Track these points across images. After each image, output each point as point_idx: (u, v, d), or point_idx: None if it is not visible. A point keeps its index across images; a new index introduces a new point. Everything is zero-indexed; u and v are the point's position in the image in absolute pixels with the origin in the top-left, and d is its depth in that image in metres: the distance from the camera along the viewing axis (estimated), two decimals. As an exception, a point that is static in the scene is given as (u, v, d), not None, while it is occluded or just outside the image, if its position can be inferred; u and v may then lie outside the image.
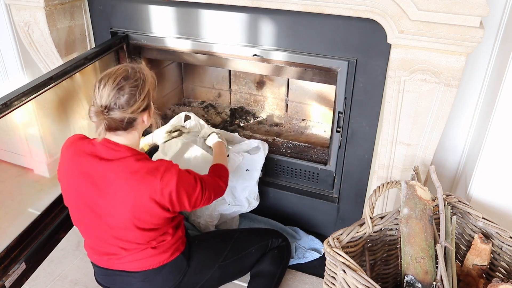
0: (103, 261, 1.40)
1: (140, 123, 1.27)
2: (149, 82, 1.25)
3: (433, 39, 1.23)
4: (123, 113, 1.18)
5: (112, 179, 1.23)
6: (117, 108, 1.18)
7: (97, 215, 1.29)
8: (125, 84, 1.18)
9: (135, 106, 1.20)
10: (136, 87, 1.20)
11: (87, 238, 1.40)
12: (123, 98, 1.18)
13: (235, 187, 1.80)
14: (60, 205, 1.65)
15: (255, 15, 1.58)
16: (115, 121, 1.20)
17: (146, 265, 1.36)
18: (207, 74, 2.38)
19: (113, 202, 1.25)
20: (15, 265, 1.41)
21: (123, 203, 1.24)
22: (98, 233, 1.33)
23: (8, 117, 1.42)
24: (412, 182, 1.27)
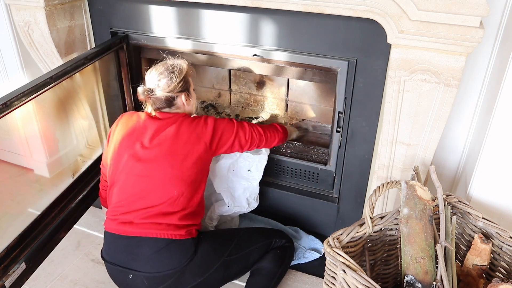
0: (123, 225, 1.46)
1: (180, 103, 1.58)
2: (185, 71, 1.58)
3: (433, 39, 1.23)
4: (164, 92, 1.53)
5: (166, 127, 1.53)
6: (158, 88, 1.53)
7: (148, 161, 1.48)
8: (164, 71, 1.55)
9: (171, 87, 1.53)
10: (173, 73, 1.54)
11: (123, 195, 1.49)
12: (163, 81, 1.53)
13: (235, 188, 1.80)
14: (60, 205, 1.65)
15: (255, 15, 1.58)
16: (158, 99, 1.54)
17: (162, 232, 1.44)
18: (207, 74, 2.38)
19: (167, 144, 1.49)
20: (15, 265, 1.41)
21: (177, 142, 1.50)
22: (139, 187, 1.47)
23: (8, 117, 1.41)
24: (412, 182, 1.27)
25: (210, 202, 1.87)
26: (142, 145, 1.50)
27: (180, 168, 1.48)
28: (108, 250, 1.50)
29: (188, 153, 1.50)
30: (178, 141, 1.50)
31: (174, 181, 1.47)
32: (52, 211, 1.62)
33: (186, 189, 1.48)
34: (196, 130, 1.53)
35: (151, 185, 1.47)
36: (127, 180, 1.50)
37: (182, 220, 1.47)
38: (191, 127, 1.53)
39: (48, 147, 1.76)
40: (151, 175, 1.47)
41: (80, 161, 1.90)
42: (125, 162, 1.51)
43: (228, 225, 1.94)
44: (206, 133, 1.54)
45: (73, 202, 1.72)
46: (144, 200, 1.46)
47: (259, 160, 1.78)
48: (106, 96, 2.02)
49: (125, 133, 1.55)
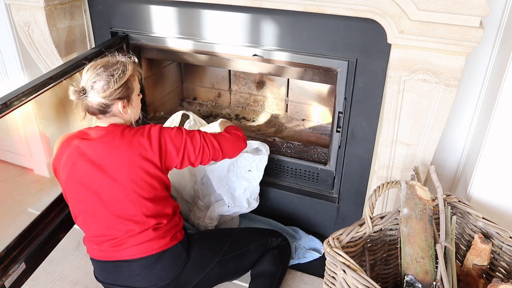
0: (103, 252, 1.41)
1: (116, 111, 1.37)
2: (128, 74, 1.36)
3: (433, 39, 1.23)
4: (97, 97, 1.32)
5: (105, 151, 1.34)
6: (92, 91, 1.32)
7: (98, 195, 1.35)
8: (102, 73, 1.32)
9: (107, 92, 1.32)
10: (113, 76, 1.32)
11: (89, 227, 1.41)
12: (99, 83, 1.32)
13: (235, 188, 1.80)
14: (60, 205, 1.65)
15: (255, 15, 1.58)
16: (91, 103, 1.33)
17: (146, 250, 1.38)
18: (207, 74, 2.38)
19: (111, 172, 1.33)
20: (15, 265, 1.40)
21: (120, 168, 1.33)
22: (100, 217, 1.37)
23: (8, 117, 1.41)
24: (412, 182, 1.27)
25: (210, 202, 1.87)
26: (88, 174, 1.34)
27: (134, 193, 1.34)
28: (100, 273, 1.47)
29: (136, 177, 1.34)
30: (120, 167, 1.33)
31: (133, 206, 1.35)
32: (52, 211, 1.62)
33: (150, 207, 1.37)
34: (138, 150, 1.34)
35: (112, 215, 1.36)
36: (86, 213, 1.39)
37: (159, 231, 1.39)
38: (131, 148, 1.33)
39: (48, 147, 1.76)
40: (108, 206, 1.35)
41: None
42: (78, 195, 1.38)
43: (228, 225, 1.94)
44: (150, 151, 1.34)
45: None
46: (111, 231, 1.38)
47: (260, 160, 1.78)
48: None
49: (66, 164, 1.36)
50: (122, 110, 1.37)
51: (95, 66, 1.34)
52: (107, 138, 1.35)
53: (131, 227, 1.37)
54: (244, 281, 1.71)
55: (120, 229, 1.37)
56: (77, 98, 1.32)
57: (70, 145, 1.37)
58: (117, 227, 1.37)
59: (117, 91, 1.33)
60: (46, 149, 1.77)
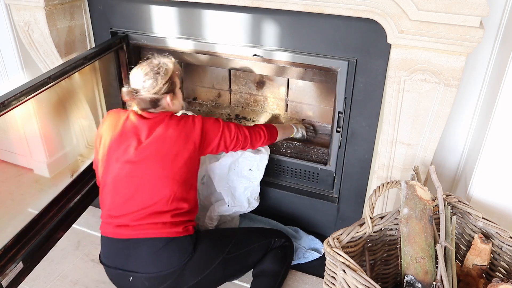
0: (118, 229, 1.46)
1: (165, 104, 1.54)
2: (171, 72, 1.54)
3: (433, 39, 1.23)
4: (148, 93, 1.49)
5: (156, 128, 1.50)
6: (143, 89, 1.49)
7: (138, 165, 1.46)
8: (149, 72, 1.50)
9: (157, 88, 1.49)
10: (158, 74, 1.50)
11: (115, 197, 1.48)
12: (148, 81, 1.49)
13: (236, 187, 1.80)
14: (59, 205, 1.65)
15: (255, 15, 1.58)
16: (143, 100, 1.51)
17: (158, 232, 1.44)
18: (207, 74, 2.38)
19: (157, 146, 1.47)
20: (12, 264, 1.40)
21: (165, 142, 1.47)
22: (131, 187, 1.46)
23: (8, 117, 1.42)
24: (412, 182, 1.27)
25: (210, 202, 1.87)
26: (132, 146, 1.48)
27: (171, 169, 1.47)
28: (107, 254, 1.50)
29: (178, 153, 1.48)
30: (167, 142, 1.48)
31: (165, 181, 1.46)
32: (50, 211, 1.62)
33: (178, 189, 1.48)
34: (184, 130, 1.51)
35: (142, 186, 1.46)
36: (117, 182, 1.48)
37: (176, 218, 1.47)
38: (179, 127, 1.51)
39: (48, 147, 1.76)
40: (142, 176, 1.46)
41: (80, 161, 1.90)
42: (115, 164, 1.49)
43: (228, 225, 1.94)
44: (194, 133, 1.52)
45: (71, 201, 1.72)
46: (136, 202, 1.46)
47: (260, 160, 1.78)
48: (106, 96, 2.02)
49: (113, 134, 1.52)
50: (170, 103, 1.54)
51: (141, 67, 1.52)
52: (159, 118, 1.51)
53: (155, 201, 1.45)
54: (245, 281, 1.71)
55: (145, 202, 1.45)
56: (131, 98, 1.49)
57: (123, 117, 1.53)
58: (143, 198, 1.45)
59: (164, 86, 1.50)
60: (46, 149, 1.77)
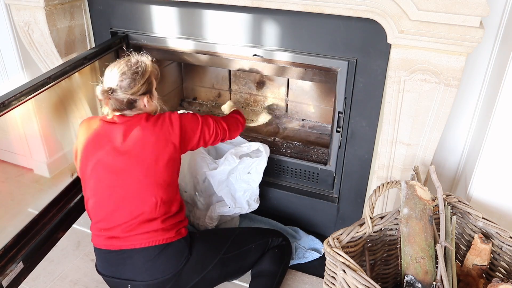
0: (110, 240, 1.43)
1: (141, 105, 1.47)
2: (149, 71, 1.47)
3: (433, 39, 1.23)
4: (125, 94, 1.41)
5: (131, 133, 1.44)
6: (119, 89, 1.41)
7: (118, 175, 1.41)
8: (127, 71, 1.42)
9: (135, 89, 1.42)
10: (136, 73, 1.43)
11: (100, 210, 1.44)
12: (125, 81, 1.41)
13: (236, 190, 1.80)
14: (59, 205, 1.65)
15: (255, 15, 1.58)
16: (118, 101, 1.42)
17: (152, 240, 1.41)
18: (207, 74, 2.38)
19: (135, 152, 1.42)
20: (12, 264, 1.40)
21: (145, 148, 1.42)
22: (115, 198, 1.42)
23: (8, 117, 1.41)
24: (412, 182, 1.27)
25: (211, 202, 1.87)
26: (110, 154, 1.42)
27: (154, 174, 1.42)
28: (102, 265, 1.49)
29: (158, 157, 1.42)
30: (146, 147, 1.42)
31: (150, 188, 1.42)
32: (50, 211, 1.62)
33: (164, 193, 1.44)
34: (162, 132, 1.45)
35: (127, 196, 1.41)
36: (101, 194, 1.44)
37: (167, 222, 1.44)
38: (156, 129, 1.44)
39: (48, 147, 1.76)
40: (126, 186, 1.41)
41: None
42: (96, 175, 1.43)
43: (228, 224, 1.94)
44: (173, 134, 1.46)
45: (71, 201, 1.72)
46: (124, 213, 1.41)
47: (258, 163, 1.78)
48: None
49: (88, 144, 1.45)
50: (147, 104, 1.47)
51: (118, 66, 1.43)
52: (133, 122, 1.45)
53: (143, 210, 1.41)
54: (244, 281, 1.71)
55: (132, 212, 1.41)
56: (106, 97, 1.41)
57: (95, 126, 1.46)
58: (130, 209, 1.41)
59: (142, 87, 1.43)
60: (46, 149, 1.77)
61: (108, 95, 1.41)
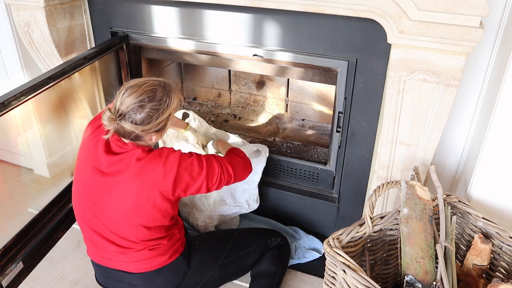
0: (102, 258, 1.40)
1: (147, 139, 1.29)
2: (173, 107, 1.26)
3: (433, 39, 1.23)
4: (133, 128, 1.21)
5: (118, 169, 1.26)
6: (130, 121, 1.20)
7: (97, 205, 1.30)
8: (147, 104, 1.20)
9: (148, 126, 1.22)
10: (157, 110, 1.21)
11: (86, 231, 1.39)
12: (140, 115, 1.20)
13: (235, 189, 1.80)
14: (59, 205, 1.65)
15: (255, 15, 1.58)
16: (124, 130, 1.23)
17: (144, 267, 1.36)
18: (207, 74, 2.38)
19: (118, 190, 1.26)
20: (12, 264, 1.41)
21: (128, 191, 1.25)
22: (95, 227, 1.33)
23: (8, 117, 1.41)
24: (412, 182, 1.27)
25: (210, 201, 1.86)
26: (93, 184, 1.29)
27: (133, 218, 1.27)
28: (101, 277, 1.47)
29: (140, 204, 1.26)
30: (128, 190, 1.25)
31: (130, 229, 1.29)
32: (50, 211, 1.62)
33: (149, 233, 1.31)
34: (151, 178, 1.24)
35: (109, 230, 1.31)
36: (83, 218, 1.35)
37: (157, 251, 1.35)
38: (146, 173, 1.24)
39: (48, 147, 1.76)
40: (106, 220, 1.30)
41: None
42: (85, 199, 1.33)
43: (228, 225, 1.94)
44: (163, 182, 1.25)
45: (71, 201, 1.72)
46: (108, 243, 1.33)
47: (258, 163, 1.77)
48: (106, 96, 2.02)
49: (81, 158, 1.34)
50: (154, 139, 1.30)
51: (139, 93, 1.20)
52: (124, 156, 1.26)
53: (126, 245, 1.32)
54: (244, 281, 1.71)
55: (114, 244, 1.33)
56: (111, 124, 1.20)
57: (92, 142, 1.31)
58: (111, 240, 1.32)
59: (158, 126, 1.23)
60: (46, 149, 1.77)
61: (116, 122, 1.20)
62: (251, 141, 2.04)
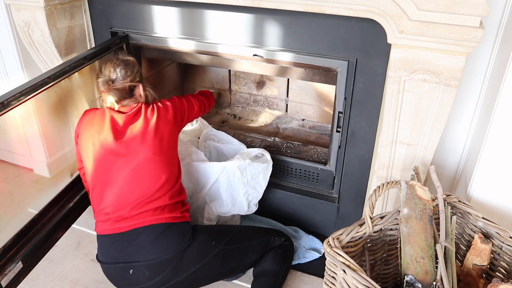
0: (117, 223, 1.47)
1: (138, 94, 1.62)
2: (136, 64, 1.66)
3: (433, 39, 1.23)
4: (123, 82, 1.58)
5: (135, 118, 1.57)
6: (119, 79, 1.58)
7: (126, 156, 1.50)
8: (119, 64, 1.60)
9: (131, 77, 1.60)
10: (128, 65, 1.61)
11: (108, 196, 1.49)
12: (121, 72, 1.59)
13: (240, 193, 1.78)
14: (58, 205, 1.65)
15: (255, 15, 1.58)
16: (119, 90, 1.57)
17: (158, 218, 1.48)
18: (207, 74, 2.38)
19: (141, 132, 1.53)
20: (11, 264, 1.40)
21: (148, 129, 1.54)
22: (124, 181, 1.49)
23: (8, 117, 1.41)
24: (412, 182, 1.27)
25: (205, 202, 1.84)
26: (118, 139, 1.52)
27: (162, 153, 1.53)
28: (105, 252, 1.50)
29: (163, 136, 1.56)
30: (150, 128, 1.54)
31: (160, 166, 1.52)
32: (49, 211, 1.62)
33: (172, 170, 1.55)
34: (160, 114, 1.60)
35: (137, 176, 1.49)
36: (113, 178, 1.50)
37: (173, 199, 1.53)
38: (154, 112, 1.59)
39: (48, 147, 1.76)
40: (137, 167, 1.50)
41: (80, 161, 1.89)
42: (106, 160, 1.51)
43: (228, 223, 1.93)
44: (168, 114, 1.62)
45: (71, 201, 1.72)
46: (135, 193, 1.48)
47: (267, 168, 1.77)
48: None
49: (95, 132, 1.54)
50: (142, 92, 1.62)
51: (110, 61, 1.61)
52: (135, 110, 1.58)
53: (153, 188, 1.49)
54: (245, 282, 1.71)
55: (142, 191, 1.48)
56: (107, 87, 1.56)
57: (100, 114, 1.57)
58: (140, 188, 1.48)
59: (136, 74, 1.62)
60: (46, 149, 1.77)
61: (109, 86, 1.55)
62: (251, 141, 2.04)
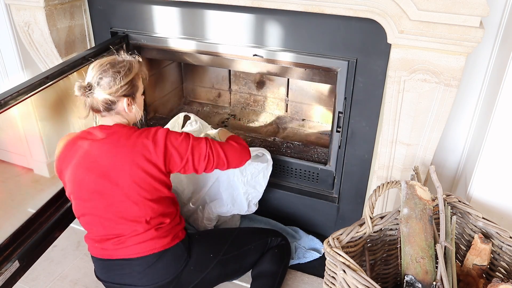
0: (105, 251, 1.41)
1: (121, 108, 1.37)
2: (134, 72, 1.37)
3: (433, 39, 1.23)
4: (103, 94, 1.31)
5: (109, 152, 1.33)
6: (98, 87, 1.31)
7: (102, 196, 1.35)
8: (109, 69, 1.32)
9: (113, 89, 1.32)
10: (118, 73, 1.32)
11: (92, 227, 1.42)
12: (105, 79, 1.31)
13: (240, 192, 1.79)
14: (56, 204, 1.65)
15: (255, 15, 1.58)
16: (96, 100, 1.33)
17: (148, 249, 1.39)
18: (207, 74, 2.38)
19: (114, 173, 1.33)
20: (7, 263, 1.40)
21: (123, 170, 1.32)
22: (104, 218, 1.37)
23: (8, 117, 1.41)
24: (412, 182, 1.27)
25: (205, 201, 1.85)
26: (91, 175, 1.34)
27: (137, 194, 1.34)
28: (101, 271, 1.47)
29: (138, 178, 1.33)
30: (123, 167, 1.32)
31: (135, 207, 1.35)
32: (47, 210, 1.62)
33: (153, 207, 1.37)
34: (141, 152, 1.33)
35: (113, 216, 1.36)
36: (89, 213, 1.39)
37: (161, 230, 1.40)
38: (135, 148, 1.33)
39: (48, 147, 1.76)
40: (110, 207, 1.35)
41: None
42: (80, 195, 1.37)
43: (228, 224, 1.93)
44: (154, 154, 1.33)
45: (69, 201, 1.71)
46: (118, 230, 1.38)
47: (267, 167, 1.77)
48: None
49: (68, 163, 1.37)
50: (126, 108, 1.37)
51: (101, 63, 1.34)
52: (112, 138, 1.34)
53: (135, 228, 1.38)
54: (244, 281, 1.71)
55: (124, 230, 1.38)
56: (82, 94, 1.31)
57: (74, 145, 1.37)
58: (121, 227, 1.38)
59: (123, 88, 1.33)
60: (46, 149, 1.77)
61: (85, 92, 1.31)
62: (251, 141, 2.04)
